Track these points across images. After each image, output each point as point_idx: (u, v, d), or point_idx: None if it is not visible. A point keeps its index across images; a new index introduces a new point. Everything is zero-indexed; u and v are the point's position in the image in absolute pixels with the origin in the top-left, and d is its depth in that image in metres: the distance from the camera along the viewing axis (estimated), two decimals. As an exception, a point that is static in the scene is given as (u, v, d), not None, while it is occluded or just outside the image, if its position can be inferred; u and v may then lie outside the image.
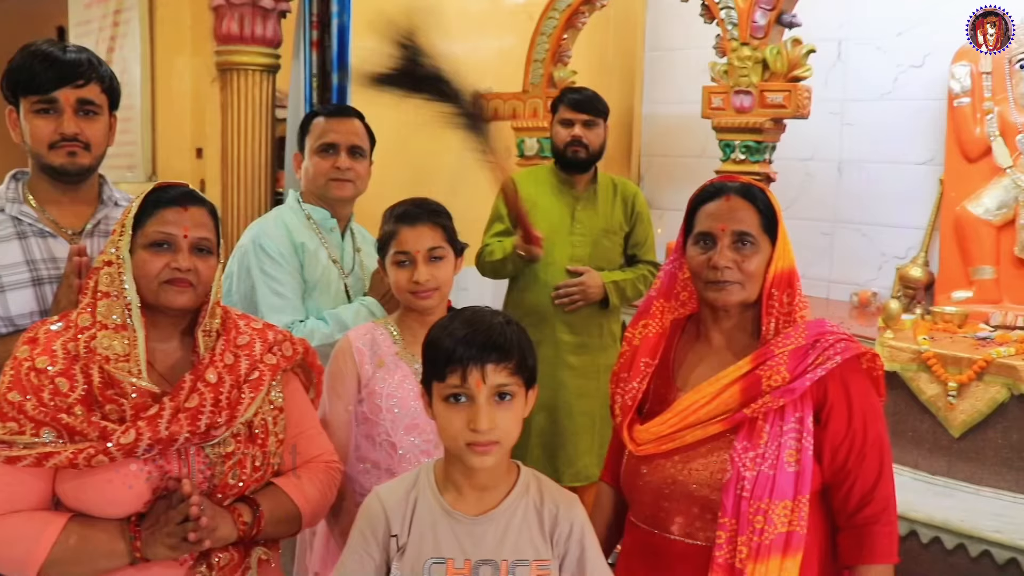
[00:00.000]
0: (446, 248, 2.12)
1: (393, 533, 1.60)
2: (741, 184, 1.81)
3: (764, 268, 1.77)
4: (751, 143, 3.90)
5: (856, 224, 5.03)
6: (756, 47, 3.82)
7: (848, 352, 1.72)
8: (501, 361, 1.51)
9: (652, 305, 1.90)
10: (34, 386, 1.59)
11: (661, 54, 5.90)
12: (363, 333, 2.15)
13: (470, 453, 1.52)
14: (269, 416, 1.76)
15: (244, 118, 3.87)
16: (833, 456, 1.71)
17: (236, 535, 1.66)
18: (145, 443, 1.58)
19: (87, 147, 2.03)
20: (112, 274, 1.67)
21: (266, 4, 3.84)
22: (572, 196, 3.39)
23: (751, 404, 1.69)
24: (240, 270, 2.52)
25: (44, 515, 1.61)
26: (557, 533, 1.60)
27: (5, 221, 2.03)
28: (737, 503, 1.66)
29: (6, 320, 1.98)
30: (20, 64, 1.99)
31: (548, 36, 4.73)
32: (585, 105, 3.34)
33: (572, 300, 3.29)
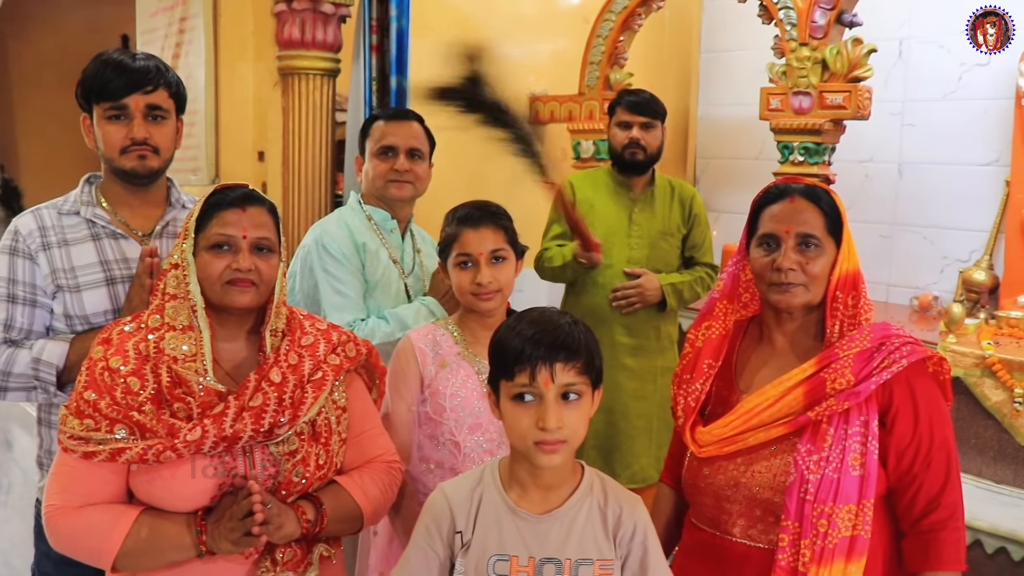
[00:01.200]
0: (508, 250, 2.13)
1: (458, 529, 1.61)
2: (806, 186, 1.80)
3: (828, 270, 1.75)
4: (810, 145, 3.85)
5: (917, 227, 4.94)
6: (815, 47, 3.77)
7: (915, 355, 1.70)
8: (569, 360, 1.52)
9: (715, 307, 1.89)
10: (107, 385, 1.64)
11: (717, 55, 5.86)
12: (425, 334, 2.17)
13: (538, 452, 1.53)
14: (332, 415, 1.79)
15: (305, 122, 3.92)
16: (898, 460, 1.69)
17: (300, 532, 1.68)
18: (211, 440, 1.61)
19: (156, 151, 2.08)
20: (178, 277, 1.72)
21: (327, 9, 3.88)
22: (629, 198, 3.39)
23: (815, 407, 1.68)
24: (303, 269, 2.56)
25: (118, 508, 1.65)
26: (620, 533, 1.60)
27: (80, 224, 2.09)
28: (800, 506, 1.64)
29: (82, 318, 2.04)
30: (93, 73, 2.05)
31: (604, 38, 4.72)
32: (643, 107, 3.34)
33: (629, 302, 3.28)
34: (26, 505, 4.70)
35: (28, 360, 1.97)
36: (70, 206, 2.11)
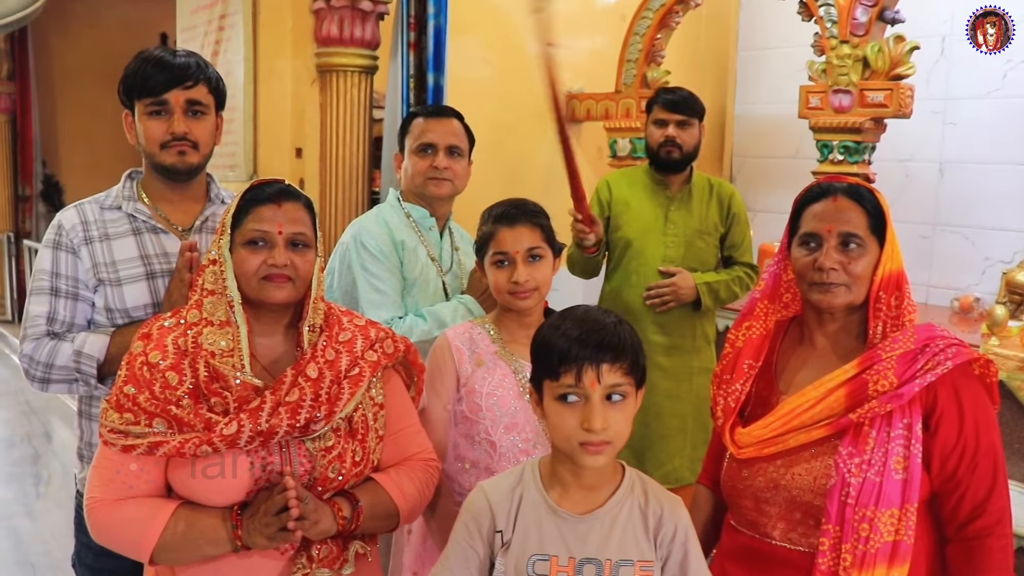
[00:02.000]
0: (545, 248, 2.11)
1: (498, 528, 1.60)
2: (849, 184, 1.77)
3: (871, 270, 1.72)
4: (850, 143, 3.81)
5: (958, 227, 4.87)
6: (856, 45, 3.73)
7: (960, 357, 1.66)
8: (616, 361, 1.51)
9: (756, 307, 1.87)
10: (147, 379, 1.66)
11: (754, 53, 5.82)
12: (461, 332, 2.16)
13: (583, 453, 1.51)
14: (370, 412, 1.78)
15: (342, 118, 3.94)
16: (943, 464, 1.65)
17: (336, 529, 1.68)
18: (247, 435, 1.62)
19: (195, 146, 2.09)
20: (216, 272, 1.73)
21: (365, 7, 3.90)
22: (666, 196, 3.36)
23: (857, 409, 1.65)
24: (341, 266, 2.57)
25: (156, 501, 1.66)
26: (661, 535, 1.59)
27: (121, 218, 2.11)
28: (842, 510, 1.62)
29: (123, 312, 2.06)
30: (134, 69, 2.07)
31: (642, 36, 4.70)
32: (680, 105, 3.31)
33: (663, 301, 3.25)
34: (66, 496, 4.79)
35: (70, 353, 1.99)
36: (112, 201, 2.13)
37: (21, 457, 5.59)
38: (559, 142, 2.66)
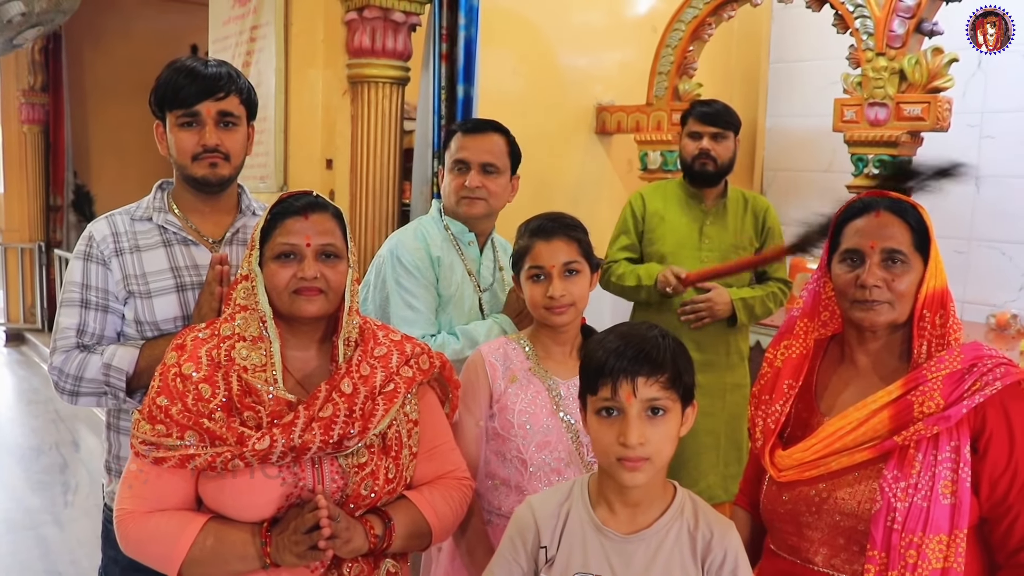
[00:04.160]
0: (582, 263, 2.08)
1: (542, 544, 1.58)
2: (891, 199, 1.73)
3: (915, 288, 1.68)
4: (885, 157, 3.75)
5: (995, 242, 4.79)
6: (893, 57, 3.67)
7: (1009, 377, 1.60)
8: (653, 374, 1.48)
9: (795, 325, 1.82)
10: (179, 391, 1.64)
11: (786, 66, 5.76)
12: (496, 348, 2.14)
13: (620, 468, 1.48)
14: (404, 428, 1.76)
15: (373, 130, 3.92)
16: (992, 488, 1.59)
17: (367, 547, 1.66)
18: (279, 450, 1.60)
19: (227, 158, 2.08)
20: (247, 288, 1.72)
21: (397, 18, 3.89)
22: (701, 211, 3.32)
23: (902, 431, 1.60)
24: (376, 280, 2.54)
25: (186, 515, 1.65)
26: (710, 560, 1.54)
27: (152, 230, 2.10)
28: (887, 536, 1.56)
29: (152, 324, 2.05)
30: (166, 80, 2.06)
31: (673, 48, 4.66)
32: (714, 118, 3.27)
33: (698, 317, 3.21)
34: (92, 505, 4.80)
35: (99, 365, 1.98)
36: (143, 212, 2.12)
37: (49, 465, 5.62)
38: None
